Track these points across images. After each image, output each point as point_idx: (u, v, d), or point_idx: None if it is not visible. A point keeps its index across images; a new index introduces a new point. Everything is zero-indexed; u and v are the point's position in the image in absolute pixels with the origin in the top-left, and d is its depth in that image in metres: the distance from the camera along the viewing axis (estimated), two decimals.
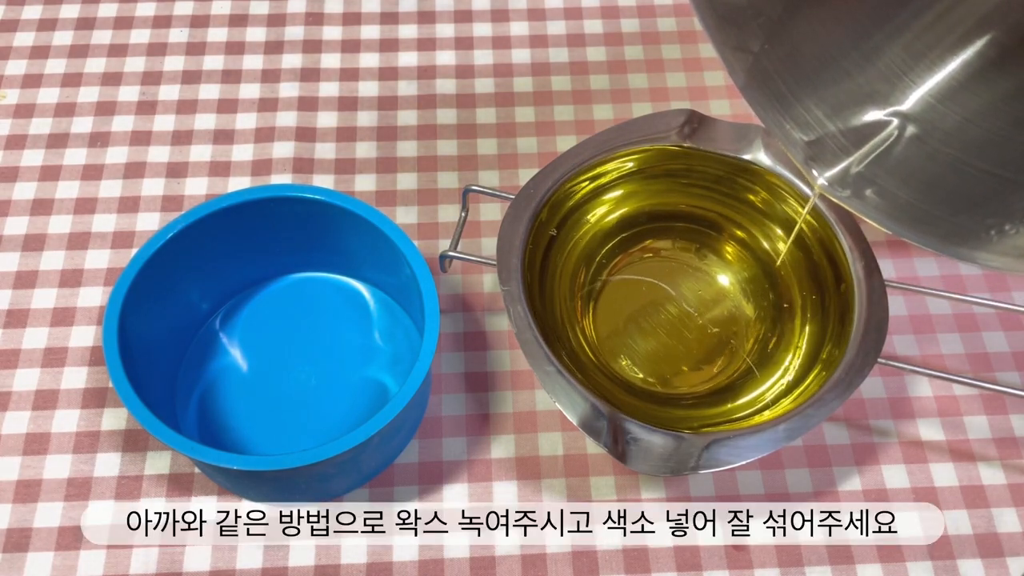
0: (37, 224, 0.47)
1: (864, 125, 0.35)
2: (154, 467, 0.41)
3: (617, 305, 0.44)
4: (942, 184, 0.34)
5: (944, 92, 0.34)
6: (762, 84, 0.34)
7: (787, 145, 0.35)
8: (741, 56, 0.33)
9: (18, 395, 0.43)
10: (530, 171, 0.44)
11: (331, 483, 0.39)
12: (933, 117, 0.34)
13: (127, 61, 0.53)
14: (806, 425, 0.36)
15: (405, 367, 0.42)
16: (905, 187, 0.34)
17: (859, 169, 0.35)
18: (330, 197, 0.40)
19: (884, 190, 0.34)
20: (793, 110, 0.35)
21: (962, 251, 0.33)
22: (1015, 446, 0.42)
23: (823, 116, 0.35)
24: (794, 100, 0.35)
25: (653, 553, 0.39)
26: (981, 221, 0.33)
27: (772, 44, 0.34)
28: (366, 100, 0.52)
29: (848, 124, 0.35)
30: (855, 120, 0.35)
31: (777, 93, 0.34)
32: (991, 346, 0.45)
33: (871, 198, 0.34)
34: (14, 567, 0.39)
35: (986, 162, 0.33)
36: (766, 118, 0.35)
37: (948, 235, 0.33)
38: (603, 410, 0.36)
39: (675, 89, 0.53)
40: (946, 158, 0.34)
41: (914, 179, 0.34)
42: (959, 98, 0.34)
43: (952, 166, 0.34)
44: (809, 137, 0.35)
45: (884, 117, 0.35)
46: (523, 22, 0.56)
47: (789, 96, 0.35)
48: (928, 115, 0.34)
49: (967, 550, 0.40)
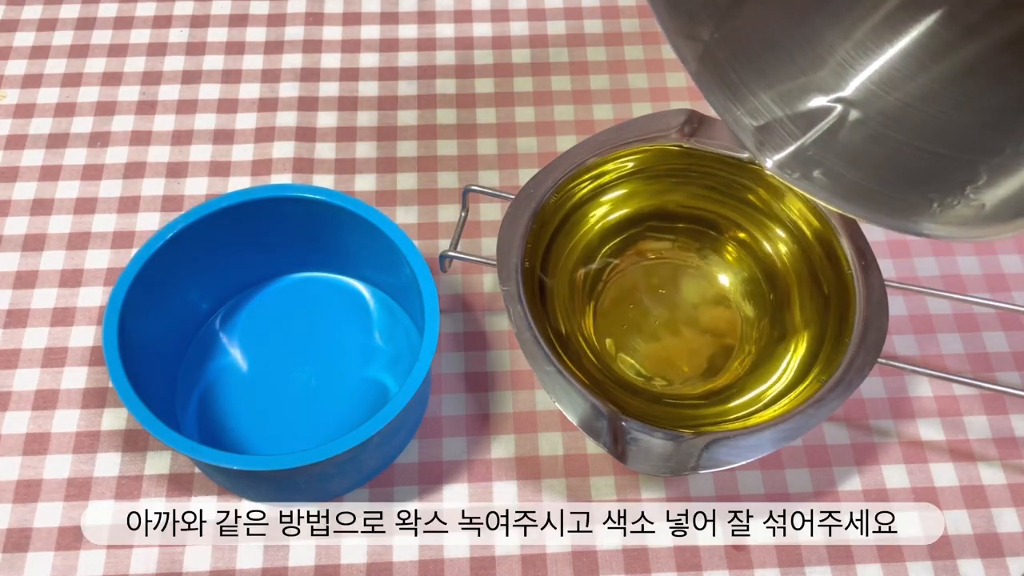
0: (37, 224, 0.47)
1: (809, 111, 0.36)
2: (154, 467, 0.41)
3: (617, 305, 0.44)
4: (887, 164, 0.35)
5: (884, 79, 0.36)
6: (712, 72, 0.35)
7: (738, 131, 0.36)
8: (692, 44, 0.35)
9: (18, 395, 0.43)
10: (530, 171, 0.44)
11: (331, 483, 0.39)
12: (875, 102, 0.36)
13: (127, 61, 0.53)
14: (806, 425, 0.36)
15: (405, 367, 0.42)
16: (852, 168, 0.36)
17: (807, 152, 0.36)
18: (330, 197, 0.40)
19: (832, 171, 0.36)
20: (742, 97, 0.36)
21: (908, 224, 0.34)
22: (1015, 446, 0.42)
23: (771, 102, 0.36)
24: (743, 87, 0.36)
25: (653, 553, 0.39)
26: (925, 195, 0.34)
27: (721, 32, 0.35)
28: (366, 100, 0.52)
29: (795, 110, 0.36)
30: (801, 106, 0.36)
31: (727, 81, 0.36)
32: (991, 346, 0.45)
33: (819, 179, 0.36)
34: (14, 567, 0.39)
35: (928, 142, 0.35)
36: (717, 105, 0.36)
37: (895, 211, 0.35)
38: (603, 410, 0.36)
39: (675, 89, 0.53)
40: (889, 140, 0.36)
41: (860, 160, 0.36)
42: (899, 84, 0.36)
43: (895, 147, 0.35)
44: (758, 123, 0.36)
45: (828, 103, 0.36)
46: (523, 22, 0.56)
47: (738, 83, 0.36)
48: (870, 101, 0.36)
49: (967, 550, 0.40)
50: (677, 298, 0.44)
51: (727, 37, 0.35)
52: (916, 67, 0.35)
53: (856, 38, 0.36)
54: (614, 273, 0.44)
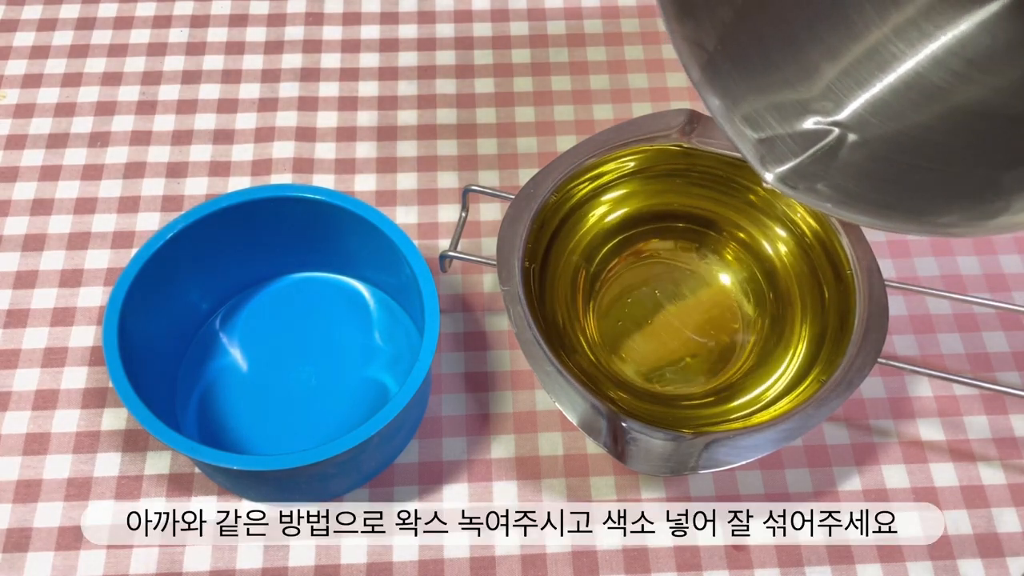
0: (37, 224, 0.47)
1: (807, 131, 0.36)
2: (154, 467, 0.41)
3: (617, 305, 0.44)
4: (889, 178, 0.35)
5: (877, 108, 0.36)
6: (715, 82, 0.35)
7: (739, 143, 0.36)
8: (697, 52, 0.35)
9: (18, 395, 0.43)
10: (530, 171, 0.44)
11: (331, 483, 0.39)
12: (870, 128, 0.36)
13: (127, 61, 0.53)
14: (806, 425, 0.36)
15: (405, 367, 0.42)
16: (854, 182, 0.36)
17: (808, 168, 0.36)
18: (330, 197, 0.40)
19: (836, 185, 0.35)
20: (743, 110, 0.36)
21: (923, 228, 0.34)
22: (1015, 446, 0.42)
23: (770, 118, 0.36)
24: (743, 101, 0.36)
25: (653, 553, 0.39)
26: (931, 202, 0.34)
27: (724, 45, 0.35)
28: (366, 100, 0.52)
29: (793, 129, 0.36)
30: (799, 126, 0.36)
31: (729, 92, 0.36)
32: (991, 346, 0.45)
33: (824, 191, 0.36)
34: (14, 567, 0.39)
35: (927, 161, 0.35)
36: (718, 114, 0.36)
37: (907, 217, 0.34)
38: (603, 410, 0.36)
39: (675, 89, 0.53)
40: (892, 161, 0.36)
41: (862, 175, 0.36)
42: (894, 116, 0.36)
43: (894, 165, 0.35)
44: (760, 135, 0.36)
45: (826, 126, 0.36)
46: (523, 22, 0.56)
47: (739, 97, 0.36)
48: (864, 127, 0.36)
49: (967, 550, 0.40)
50: (677, 298, 0.44)
51: (730, 50, 0.35)
52: (908, 104, 0.36)
53: (849, 72, 0.36)
54: (614, 273, 0.44)
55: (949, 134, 0.35)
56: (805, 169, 0.36)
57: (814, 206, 0.35)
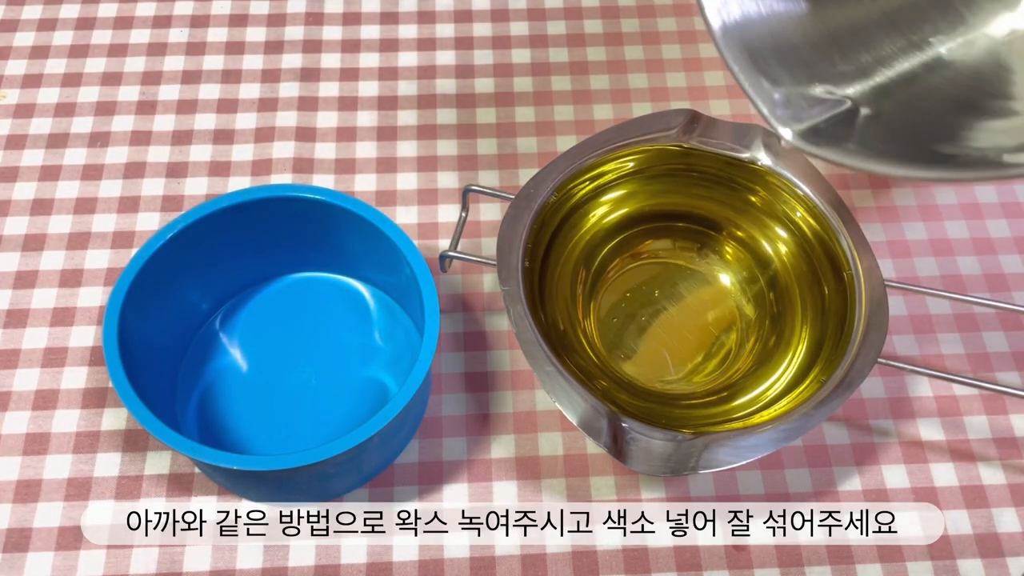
0: (37, 224, 0.47)
1: (830, 99, 0.37)
2: (154, 467, 0.41)
3: (617, 305, 0.44)
4: (914, 136, 0.36)
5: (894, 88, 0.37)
6: (737, 37, 0.36)
7: (758, 100, 0.36)
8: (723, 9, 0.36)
9: (18, 395, 0.43)
10: (530, 171, 0.44)
11: (331, 483, 0.39)
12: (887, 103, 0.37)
13: (127, 61, 0.53)
14: (806, 425, 0.36)
15: (405, 367, 0.42)
16: (879, 140, 0.36)
17: (828, 129, 0.36)
18: (330, 197, 0.40)
19: (860, 141, 0.36)
20: (764, 69, 0.37)
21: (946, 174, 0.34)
22: (1015, 446, 0.42)
23: (789, 79, 0.37)
24: (763, 60, 0.37)
25: (653, 553, 0.39)
26: (959, 149, 0.35)
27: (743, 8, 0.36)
28: (366, 100, 0.52)
29: (811, 93, 0.37)
30: (815, 93, 0.37)
31: (750, 47, 0.37)
32: (991, 346, 0.45)
33: (850, 147, 0.36)
34: (14, 567, 0.39)
35: (947, 127, 0.36)
36: (739, 70, 0.36)
37: (928, 165, 0.35)
38: (603, 410, 0.36)
39: (675, 89, 0.53)
40: (908, 122, 0.37)
41: (885, 134, 0.36)
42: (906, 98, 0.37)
43: (917, 125, 0.36)
44: (779, 94, 0.37)
45: (840, 97, 0.37)
46: (523, 22, 0.56)
47: (759, 56, 0.37)
48: (883, 103, 0.37)
49: (967, 550, 0.40)
50: (677, 298, 0.44)
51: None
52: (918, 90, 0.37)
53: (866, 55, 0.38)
54: (614, 273, 0.44)
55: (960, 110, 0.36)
56: (825, 130, 0.36)
57: (836, 161, 0.35)
